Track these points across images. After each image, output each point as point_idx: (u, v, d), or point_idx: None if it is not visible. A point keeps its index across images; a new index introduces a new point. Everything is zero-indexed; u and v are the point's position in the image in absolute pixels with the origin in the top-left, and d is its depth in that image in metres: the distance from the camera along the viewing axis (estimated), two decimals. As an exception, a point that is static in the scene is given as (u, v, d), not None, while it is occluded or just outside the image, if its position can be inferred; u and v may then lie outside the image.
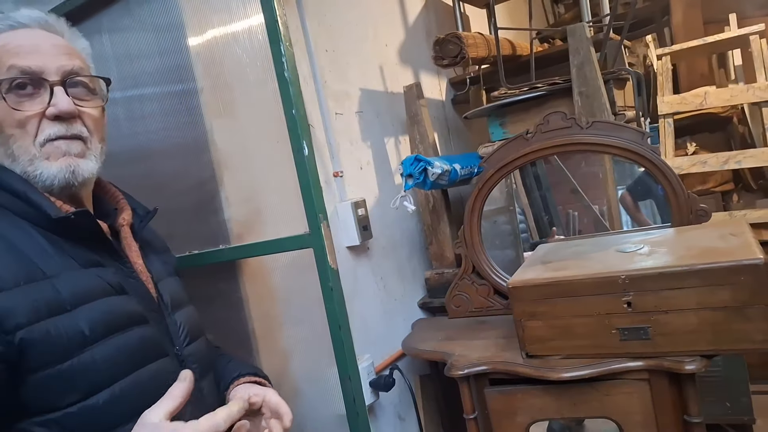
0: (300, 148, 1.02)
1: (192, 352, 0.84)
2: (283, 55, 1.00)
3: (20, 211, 0.72)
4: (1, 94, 0.71)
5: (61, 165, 0.73)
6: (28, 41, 0.74)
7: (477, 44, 1.81)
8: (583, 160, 2.50)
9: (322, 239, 1.03)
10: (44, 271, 0.68)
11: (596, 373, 1.13)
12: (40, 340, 0.65)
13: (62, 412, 0.66)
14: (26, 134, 0.72)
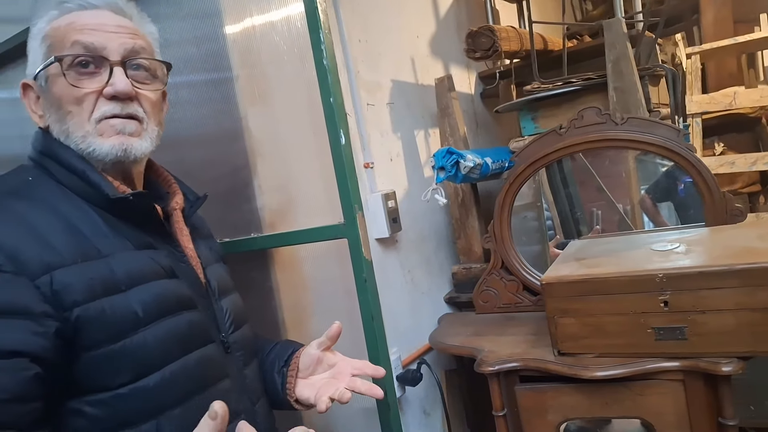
0: (337, 137, 1.01)
1: (237, 340, 0.85)
2: (323, 42, 0.99)
3: (77, 189, 0.73)
4: (62, 70, 0.72)
5: (113, 142, 0.74)
6: (95, 20, 0.74)
7: (510, 38, 1.79)
8: (607, 159, 2.47)
9: (357, 230, 1.03)
10: (100, 250, 0.69)
11: (630, 372, 1.11)
12: (96, 318, 0.65)
13: (113, 392, 0.66)
14: (82, 111, 0.73)
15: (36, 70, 0.75)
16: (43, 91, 0.75)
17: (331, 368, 0.93)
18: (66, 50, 0.72)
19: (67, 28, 0.74)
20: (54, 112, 0.74)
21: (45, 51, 0.74)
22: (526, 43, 1.88)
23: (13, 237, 0.63)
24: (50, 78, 0.74)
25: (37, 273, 0.63)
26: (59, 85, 0.73)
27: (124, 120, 0.75)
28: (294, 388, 0.91)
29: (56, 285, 0.63)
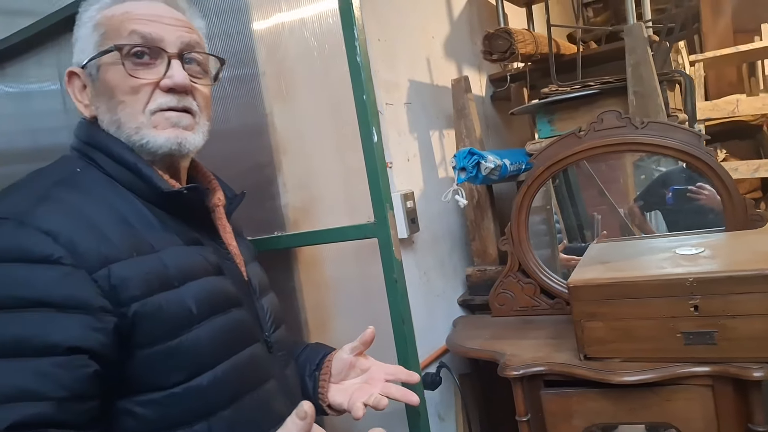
0: (369, 135, 0.99)
1: (278, 339, 0.83)
2: (356, 39, 0.97)
3: (126, 181, 0.70)
4: (121, 59, 0.70)
5: (168, 135, 0.72)
6: (151, 11, 0.73)
7: (526, 40, 1.78)
8: (604, 164, 2.47)
9: (388, 229, 1.01)
10: (152, 245, 0.67)
11: (659, 377, 1.10)
12: (153, 314, 0.63)
13: (167, 392, 0.64)
14: (137, 102, 0.71)
15: (86, 57, 0.72)
16: (93, 79, 0.73)
17: (363, 373, 0.91)
18: (123, 39, 0.70)
19: (122, 17, 0.72)
20: (105, 102, 0.72)
21: (98, 39, 0.72)
22: (540, 46, 1.87)
23: (69, 228, 0.61)
24: (103, 67, 0.72)
25: (96, 266, 0.61)
26: (114, 74, 0.71)
27: (180, 113, 0.73)
28: (327, 393, 0.89)
29: (114, 279, 0.61)
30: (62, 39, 1.41)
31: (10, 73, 1.53)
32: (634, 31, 1.47)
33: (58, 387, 0.55)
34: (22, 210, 0.60)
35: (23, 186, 0.66)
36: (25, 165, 1.57)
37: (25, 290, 0.57)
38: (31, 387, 0.54)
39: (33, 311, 0.56)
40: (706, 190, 1.91)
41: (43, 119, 1.49)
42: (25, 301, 0.56)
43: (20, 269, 0.57)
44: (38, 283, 0.57)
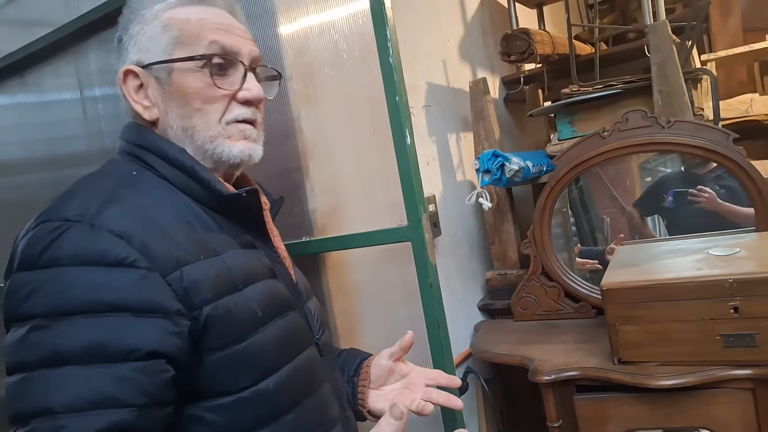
0: (402, 137, 0.98)
1: (325, 342, 0.82)
2: (389, 40, 0.96)
3: (183, 185, 0.69)
4: (210, 70, 0.70)
5: (242, 147, 0.73)
6: (222, 19, 0.73)
7: (544, 41, 1.77)
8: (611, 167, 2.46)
9: (422, 232, 0.99)
10: (215, 248, 0.66)
11: (698, 381, 1.08)
12: (223, 317, 0.62)
13: (235, 396, 0.63)
14: (214, 111, 0.71)
15: (153, 58, 0.70)
16: (162, 82, 0.71)
17: (402, 378, 0.89)
18: (202, 48, 0.70)
19: (199, 23, 0.71)
20: (177, 107, 0.71)
21: (170, 41, 0.70)
22: (558, 47, 1.86)
23: (141, 231, 0.59)
24: (178, 72, 0.70)
25: (169, 269, 0.59)
26: (192, 81, 0.70)
27: (250, 126, 0.74)
28: (366, 398, 0.87)
29: (186, 282, 0.60)
30: (79, 47, 1.40)
31: (29, 82, 1.52)
32: (659, 28, 1.46)
33: (139, 393, 0.54)
34: (92, 213, 0.59)
35: (83, 189, 0.64)
36: (44, 174, 1.56)
37: (102, 294, 0.55)
38: (114, 393, 0.53)
39: (111, 316, 0.55)
40: (706, 192, 1.89)
41: (62, 128, 1.48)
42: (103, 305, 0.55)
43: (97, 273, 0.56)
44: (115, 287, 0.56)
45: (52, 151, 1.54)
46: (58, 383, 0.53)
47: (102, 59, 1.37)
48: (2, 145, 1.68)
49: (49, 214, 0.60)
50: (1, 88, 1.60)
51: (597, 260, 1.85)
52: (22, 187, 1.65)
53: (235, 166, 0.74)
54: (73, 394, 0.52)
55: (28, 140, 1.60)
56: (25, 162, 1.63)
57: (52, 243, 0.57)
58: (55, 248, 0.56)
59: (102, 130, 1.42)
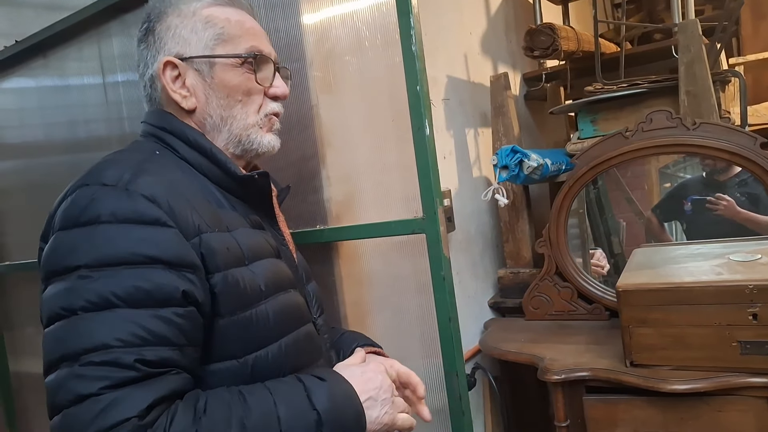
0: (421, 127, 0.97)
1: (322, 324, 0.86)
2: (412, 28, 0.95)
3: (201, 166, 0.75)
4: (242, 65, 0.76)
5: (270, 138, 0.81)
6: (254, 24, 0.81)
7: (569, 37, 1.74)
8: (629, 170, 2.42)
9: (438, 225, 0.98)
10: (227, 225, 0.71)
11: (712, 386, 1.06)
12: (232, 285, 0.67)
13: (239, 360, 0.67)
14: (252, 104, 0.78)
15: (194, 51, 0.75)
16: (202, 74, 0.76)
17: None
18: (243, 48, 0.77)
19: (239, 24, 0.78)
20: (219, 98, 0.77)
21: (212, 37, 0.76)
22: (582, 43, 1.83)
23: (169, 197, 0.65)
24: (221, 66, 0.76)
25: (191, 234, 0.65)
26: (234, 75, 0.76)
27: (277, 119, 0.83)
28: None
29: (203, 248, 0.65)
30: (102, 29, 1.41)
31: (52, 64, 1.53)
32: (689, 27, 1.42)
33: (180, 334, 0.61)
34: (126, 179, 0.64)
35: (115, 161, 0.69)
36: (64, 156, 1.57)
37: (140, 247, 0.61)
38: (161, 332, 0.59)
39: (150, 267, 0.61)
40: (724, 200, 1.86)
41: (83, 111, 1.49)
42: (143, 257, 0.60)
43: (135, 230, 0.61)
44: (152, 242, 0.61)
45: (73, 133, 1.55)
46: (112, 322, 0.57)
47: (124, 43, 1.38)
48: (25, 127, 1.71)
49: (86, 179, 0.65)
50: (25, 70, 1.62)
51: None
52: (43, 168, 1.67)
53: (260, 155, 0.81)
54: (127, 331, 0.57)
55: (49, 122, 1.62)
56: (46, 144, 1.64)
57: (92, 204, 0.62)
58: (95, 208, 0.61)
59: (123, 115, 1.43)
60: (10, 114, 1.74)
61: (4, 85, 1.70)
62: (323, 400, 0.65)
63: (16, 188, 1.77)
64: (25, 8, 1.75)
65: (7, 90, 1.70)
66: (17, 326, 1.91)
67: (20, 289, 1.84)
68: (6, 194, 1.81)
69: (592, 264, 1.84)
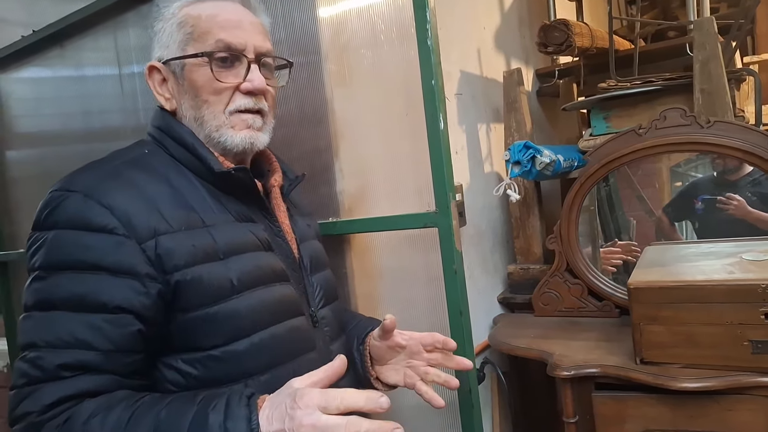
0: (435, 121, 0.97)
1: (324, 315, 0.86)
2: (428, 21, 0.95)
3: (188, 163, 0.78)
4: (210, 65, 0.76)
5: (243, 135, 0.79)
6: (234, 16, 0.79)
7: (582, 33, 1.73)
8: (640, 168, 2.41)
9: (450, 219, 0.98)
10: (204, 220, 0.73)
11: (723, 385, 1.06)
12: (193, 283, 0.69)
13: (206, 353, 0.70)
14: (219, 102, 0.78)
15: (169, 55, 0.78)
16: (177, 76, 0.79)
17: (403, 350, 0.90)
18: (209, 46, 0.76)
19: (209, 20, 0.77)
20: (189, 99, 0.79)
21: (183, 38, 0.78)
22: (596, 40, 1.82)
23: (127, 203, 0.69)
24: (188, 67, 0.78)
25: (145, 237, 0.68)
26: (199, 76, 0.77)
27: (254, 115, 0.80)
28: (371, 367, 0.91)
29: (160, 249, 0.68)
30: (119, 20, 1.42)
31: (69, 54, 1.55)
32: (705, 25, 1.41)
33: (105, 340, 0.64)
34: (89, 185, 0.69)
35: (99, 164, 0.75)
36: (79, 146, 1.59)
37: (85, 254, 0.66)
38: (85, 337, 0.64)
39: (90, 273, 0.66)
40: (735, 200, 1.84)
41: (99, 101, 1.50)
42: (85, 264, 0.66)
43: (83, 236, 0.66)
44: (96, 249, 0.66)
45: (88, 124, 1.56)
46: (44, 324, 0.65)
47: (140, 34, 1.39)
48: (41, 116, 1.72)
49: (59, 183, 0.71)
50: (42, 59, 1.63)
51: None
52: (58, 157, 1.69)
53: (240, 153, 0.80)
54: (53, 334, 0.64)
55: (65, 112, 1.63)
56: (61, 133, 1.66)
57: (54, 209, 0.68)
58: (55, 213, 0.68)
59: (138, 107, 1.44)
60: (26, 103, 1.76)
61: (20, 74, 1.72)
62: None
63: (30, 177, 1.79)
64: (42, -3, 1.77)
65: (24, 79, 1.72)
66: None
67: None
68: (20, 183, 1.83)
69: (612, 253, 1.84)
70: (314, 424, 0.56)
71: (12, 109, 1.79)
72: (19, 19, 1.74)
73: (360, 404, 0.58)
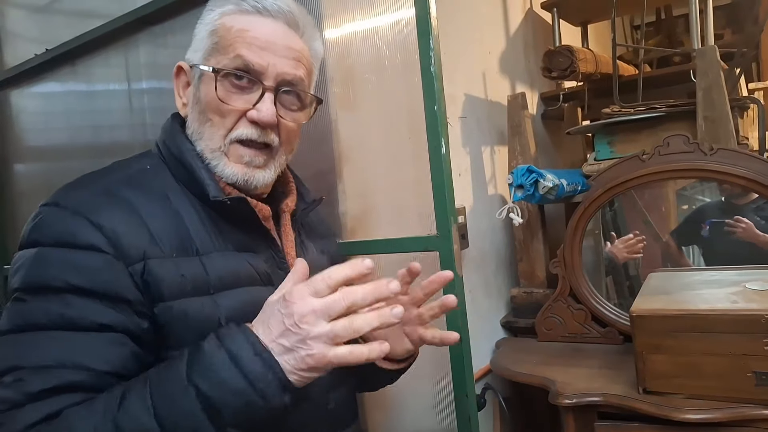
0: (438, 146, 0.98)
1: None
2: (431, 49, 0.96)
3: (188, 184, 0.72)
4: (219, 79, 0.70)
5: (236, 170, 0.72)
6: (266, 35, 0.71)
7: (587, 59, 1.75)
8: (646, 192, 2.40)
9: (451, 243, 0.98)
10: (198, 249, 0.68)
11: (726, 417, 1.05)
12: (178, 317, 0.64)
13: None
14: (222, 126, 0.71)
15: (195, 61, 0.74)
16: (195, 84, 0.74)
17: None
18: (227, 60, 0.70)
19: (237, 34, 0.70)
20: (197, 112, 0.73)
21: (209, 46, 0.72)
22: (600, 66, 1.84)
23: (116, 222, 0.63)
24: (203, 77, 0.72)
25: (133, 260, 0.63)
26: (209, 90, 0.71)
27: (255, 151, 0.72)
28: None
29: (147, 275, 0.63)
30: (130, 40, 1.45)
31: (80, 71, 1.57)
32: (708, 54, 1.42)
33: (100, 360, 0.59)
34: (81, 201, 0.64)
35: (95, 177, 0.71)
36: (87, 161, 1.60)
37: (70, 274, 0.60)
38: (77, 357, 0.58)
39: (76, 296, 0.60)
40: (743, 223, 1.83)
41: (108, 117, 1.53)
42: (70, 286, 0.60)
43: (67, 254, 0.61)
44: (82, 270, 0.60)
45: (97, 139, 1.58)
46: (27, 346, 0.58)
47: (151, 53, 1.41)
48: (50, 131, 1.75)
49: (51, 197, 0.66)
50: (54, 75, 1.66)
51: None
52: (67, 172, 1.70)
53: (234, 184, 0.73)
54: (38, 355, 0.57)
55: (74, 126, 1.66)
56: (70, 148, 1.68)
57: (39, 225, 0.64)
58: (39, 230, 0.63)
59: (146, 122, 1.46)
60: (36, 117, 1.78)
61: (32, 89, 1.75)
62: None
63: (38, 191, 1.81)
64: (57, 15, 1.80)
65: (35, 95, 1.75)
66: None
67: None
68: (28, 197, 1.85)
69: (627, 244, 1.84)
70: (313, 309, 0.55)
71: (23, 123, 1.82)
72: (33, 36, 1.78)
73: (347, 273, 0.58)
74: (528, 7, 2.27)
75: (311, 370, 0.56)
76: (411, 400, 1.21)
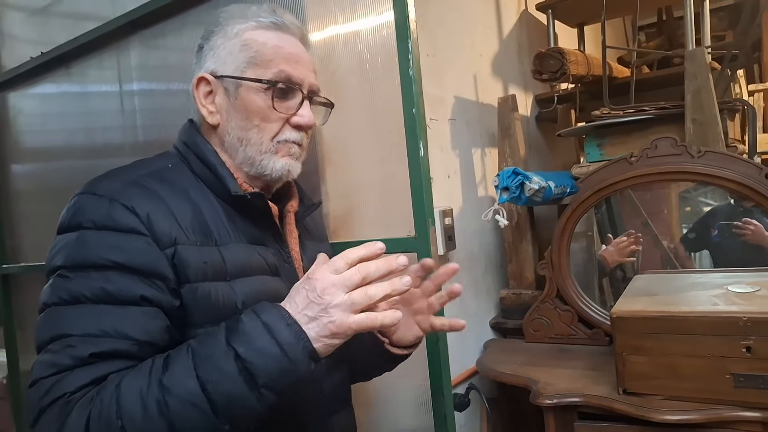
0: (416, 148, 0.99)
1: None
2: (410, 52, 0.97)
3: (208, 181, 0.79)
4: (272, 94, 0.78)
5: (284, 162, 0.80)
6: (295, 51, 0.81)
7: (578, 61, 1.75)
8: (648, 194, 2.39)
9: (429, 244, 0.99)
10: (216, 239, 0.74)
11: (704, 419, 1.05)
12: (202, 299, 0.70)
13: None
14: (268, 130, 0.79)
15: (227, 71, 0.79)
16: (229, 93, 0.79)
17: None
18: (271, 74, 0.78)
19: (274, 49, 0.79)
20: (239, 119, 0.79)
21: (245, 59, 0.78)
22: (592, 68, 1.84)
23: (150, 210, 0.70)
24: (245, 88, 0.78)
25: (165, 244, 0.69)
26: (255, 99, 0.78)
27: (296, 145, 0.82)
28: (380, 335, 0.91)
29: (176, 259, 0.69)
30: (122, 43, 1.47)
31: (74, 73, 1.60)
32: (697, 56, 1.42)
33: (141, 330, 0.65)
34: (115, 189, 0.70)
35: (119, 172, 0.76)
36: (82, 161, 1.63)
37: (113, 254, 0.66)
38: (121, 327, 0.64)
39: (117, 272, 0.66)
40: (752, 224, 1.82)
41: (101, 119, 1.55)
42: (112, 263, 0.66)
43: (109, 236, 0.67)
44: (124, 249, 0.67)
45: (90, 140, 1.60)
46: (74, 317, 0.64)
47: (142, 55, 1.43)
48: (46, 132, 1.77)
49: (85, 187, 0.72)
50: (49, 77, 1.69)
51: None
52: (62, 172, 1.73)
53: (276, 180, 0.82)
54: (85, 325, 0.63)
55: (69, 128, 1.68)
56: (65, 149, 1.70)
57: (78, 211, 0.69)
58: (80, 215, 0.69)
59: (137, 123, 1.47)
60: (32, 119, 1.81)
61: (28, 91, 1.78)
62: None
63: (34, 191, 1.83)
64: (53, 18, 1.83)
65: (31, 96, 1.78)
66: (30, 326, 1.96)
67: (34, 289, 1.90)
68: (24, 197, 1.88)
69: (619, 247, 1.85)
70: (333, 283, 0.63)
71: (19, 125, 1.84)
72: (30, 38, 1.81)
73: (362, 252, 0.66)
74: (523, 8, 2.28)
75: (333, 336, 0.63)
76: (392, 397, 1.22)
